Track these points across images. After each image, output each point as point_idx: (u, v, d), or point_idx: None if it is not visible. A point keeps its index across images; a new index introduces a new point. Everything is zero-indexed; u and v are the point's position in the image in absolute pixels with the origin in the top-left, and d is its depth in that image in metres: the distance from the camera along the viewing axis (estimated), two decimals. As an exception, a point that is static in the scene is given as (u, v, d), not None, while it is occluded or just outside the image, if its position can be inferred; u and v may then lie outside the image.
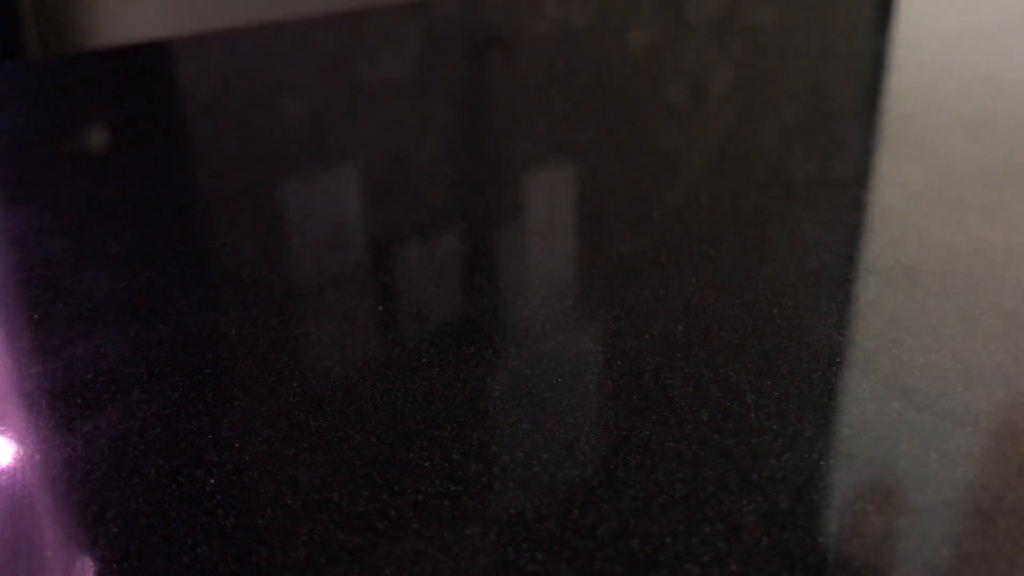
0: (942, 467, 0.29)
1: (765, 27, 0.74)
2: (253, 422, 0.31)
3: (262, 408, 0.32)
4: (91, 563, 0.26)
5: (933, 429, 0.31)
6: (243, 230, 0.44)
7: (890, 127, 0.54)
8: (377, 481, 0.29)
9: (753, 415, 0.31)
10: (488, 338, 0.36)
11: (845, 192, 0.46)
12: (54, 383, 0.33)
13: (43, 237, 0.44)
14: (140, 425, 0.31)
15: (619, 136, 0.53)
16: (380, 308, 0.38)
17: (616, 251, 0.41)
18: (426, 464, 0.29)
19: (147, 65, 0.67)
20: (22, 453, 0.30)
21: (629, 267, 0.40)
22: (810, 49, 0.68)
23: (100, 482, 0.29)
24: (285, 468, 0.29)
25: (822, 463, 0.29)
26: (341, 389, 0.33)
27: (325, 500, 0.28)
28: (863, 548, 0.26)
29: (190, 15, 1.29)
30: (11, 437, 0.31)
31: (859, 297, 0.38)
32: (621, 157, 0.51)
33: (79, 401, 0.32)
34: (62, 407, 0.32)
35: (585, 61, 0.67)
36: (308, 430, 0.31)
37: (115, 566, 0.26)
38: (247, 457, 0.30)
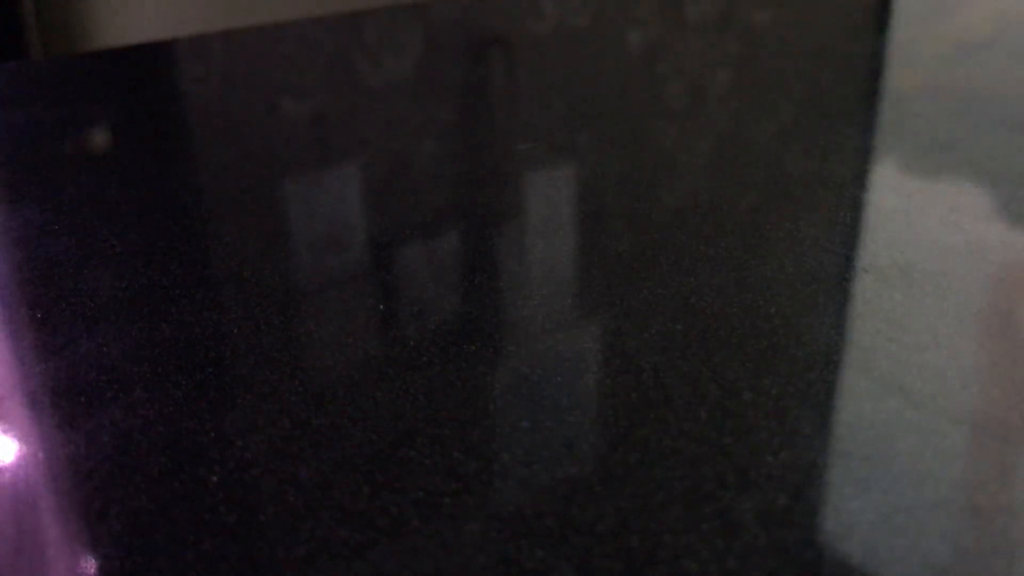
0: (939, 465, 0.29)
1: (763, 27, 0.74)
2: (255, 420, 0.31)
3: (264, 406, 0.32)
4: (94, 560, 0.26)
5: (930, 427, 0.31)
6: (245, 230, 0.44)
7: (887, 127, 0.55)
8: (378, 478, 0.29)
9: (751, 413, 0.31)
10: (488, 337, 0.36)
11: (842, 192, 0.47)
12: (57, 381, 0.34)
13: (46, 237, 0.44)
14: (143, 423, 0.31)
15: (618, 136, 0.54)
16: (381, 307, 0.38)
17: (615, 251, 0.42)
18: (427, 462, 0.30)
19: (149, 66, 0.67)
20: (25, 451, 0.30)
21: (628, 266, 0.40)
22: (808, 49, 0.68)
23: (103, 480, 0.29)
24: (287, 466, 0.29)
25: (819, 461, 0.29)
26: (342, 387, 0.33)
27: (326, 497, 0.28)
28: (860, 546, 0.26)
29: (191, 17, 1.29)
30: (14, 435, 0.31)
31: (856, 296, 0.38)
32: (620, 157, 0.51)
33: (82, 399, 0.33)
34: (65, 405, 0.32)
35: (584, 61, 0.67)
36: (310, 428, 0.31)
37: (118, 563, 0.26)
38: (249, 455, 0.30)
